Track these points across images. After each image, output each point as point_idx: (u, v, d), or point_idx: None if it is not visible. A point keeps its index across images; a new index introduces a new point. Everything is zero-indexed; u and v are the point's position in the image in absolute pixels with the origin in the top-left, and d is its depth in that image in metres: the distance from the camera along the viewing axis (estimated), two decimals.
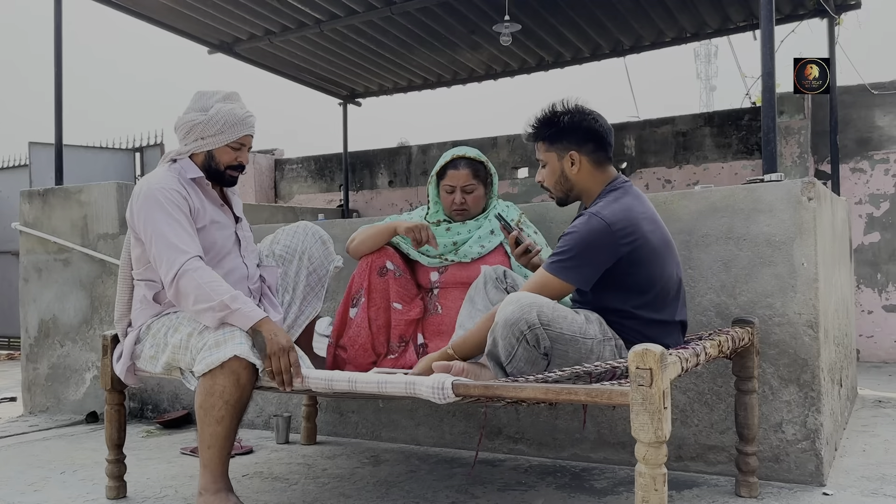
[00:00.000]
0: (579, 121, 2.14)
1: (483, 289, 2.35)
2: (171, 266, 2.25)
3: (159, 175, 2.41)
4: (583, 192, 2.19)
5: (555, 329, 1.89)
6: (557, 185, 2.20)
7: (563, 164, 2.16)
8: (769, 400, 2.56)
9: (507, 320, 1.88)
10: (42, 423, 4.01)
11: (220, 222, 2.47)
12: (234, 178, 2.52)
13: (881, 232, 5.51)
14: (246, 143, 2.48)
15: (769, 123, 2.82)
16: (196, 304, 2.22)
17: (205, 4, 5.26)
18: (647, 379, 1.55)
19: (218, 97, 2.43)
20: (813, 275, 2.50)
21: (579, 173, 2.15)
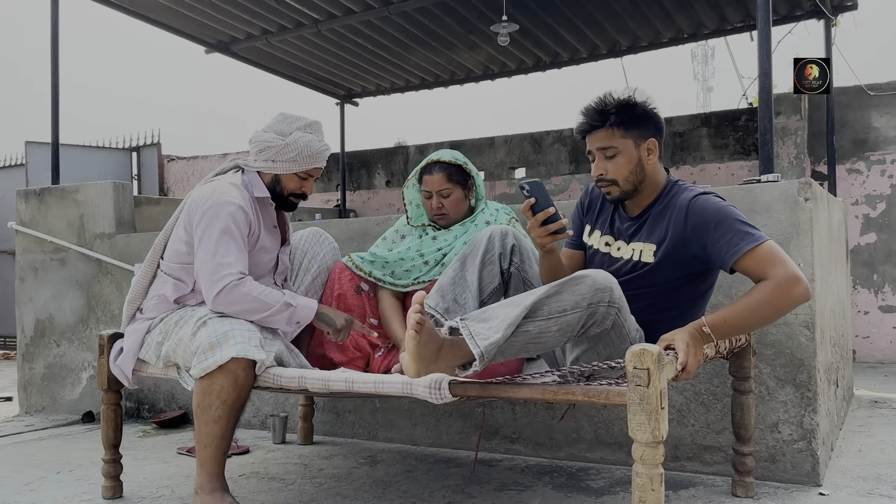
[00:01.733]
0: (654, 109, 2.04)
1: (479, 260, 2.14)
2: (216, 283, 2.25)
3: (231, 187, 2.40)
4: (648, 187, 2.05)
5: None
6: (631, 176, 2.01)
7: (641, 152, 2.01)
8: (766, 400, 2.57)
9: None
10: (38, 423, 4.00)
11: (267, 246, 2.48)
12: (295, 205, 2.54)
13: (877, 233, 5.52)
14: (314, 174, 2.49)
15: (766, 124, 2.82)
16: (258, 313, 2.28)
17: (202, 4, 5.26)
18: (644, 379, 1.55)
19: (299, 124, 2.42)
20: (809, 275, 2.50)
21: (655, 164, 2.03)
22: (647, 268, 2.00)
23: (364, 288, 2.68)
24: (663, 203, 2.02)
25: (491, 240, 2.17)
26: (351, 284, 2.66)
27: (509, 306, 1.75)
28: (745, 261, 1.84)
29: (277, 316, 2.29)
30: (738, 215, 1.90)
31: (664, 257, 1.98)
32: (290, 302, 2.30)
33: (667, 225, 1.98)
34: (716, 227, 1.88)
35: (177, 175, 8.70)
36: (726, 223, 1.87)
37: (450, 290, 2.12)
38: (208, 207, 2.33)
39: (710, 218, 1.90)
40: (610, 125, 1.99)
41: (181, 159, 8.77)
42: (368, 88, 7.37)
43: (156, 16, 5.46)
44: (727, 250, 1.86)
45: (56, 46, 4.77)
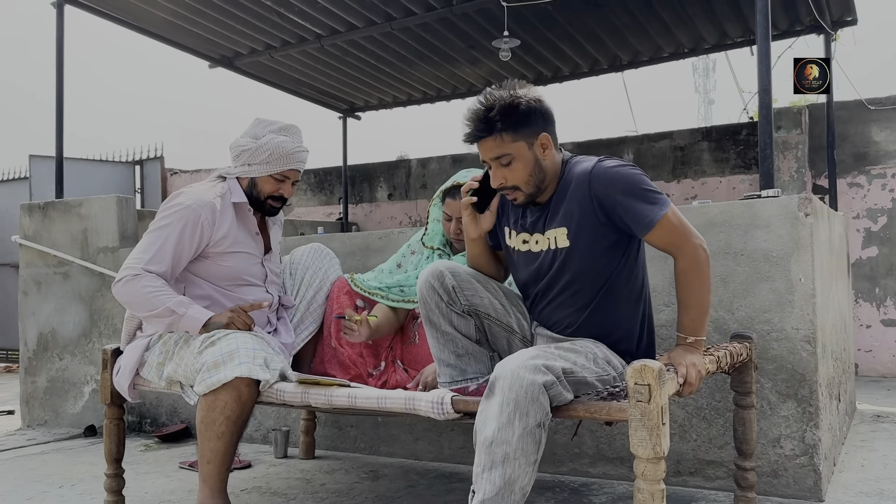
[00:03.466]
0: (539, 100, 1.91)
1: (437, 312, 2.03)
2: (123, 271, 2.37)
3: (198, 192, 2.46)
4: (551, 182, 1.96)
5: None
6: (532, 179, 1.91)
7: (536, 151, 1.90)
8: (767, 415, 2.57)
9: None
10: (40, 437, 4.01)
11: (248, 251, 2.51)
12: (275, 209, 2.58)
13: (879, 246, 5.53)
14: (291, 176, 2.52)
15: (766, 140, 2.84)
16: (143, 311, 2.36)
17: (206, 20, 5.30)
18: (645, 395, 1.56)
19: (273, 128, 2.48)
20: (810, 290, 2.51)
21: (551, 159, 1.93)
22: (565, 252, 1.93)
23: (360, 304, 2.69)
24: (564, 184, 1.95)
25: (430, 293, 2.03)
26: (350, 303, 2.67)
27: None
28: (654, 235, 1.86)
29: (161, 319, 2.33)
30: (638, 181, 1.86)
31: (577, 235, 1.91)
32: (174, 309, 2.31)
33: (570, 203, 1.92)
34: (622, 200, 1.84)
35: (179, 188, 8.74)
36: (630, 194, 1.84)
37: (448, 354, 2.05)
38: (164, 207, 2.44)
39: (615, 188, 1.85)
40: (497, 132, 1.86)
41: (184, 173, 8.81)
42: (371, 102, 7.41)
43: (160, 31, 5.51)
44: (637, 222, 1.85)
45: (61, 62, 4.81)
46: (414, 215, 7.67)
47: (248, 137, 2.49)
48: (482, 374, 2.02)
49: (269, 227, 2.66)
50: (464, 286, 2.02)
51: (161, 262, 2.35)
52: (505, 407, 1.62)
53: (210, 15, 5.23)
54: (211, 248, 2.45)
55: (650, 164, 6.48)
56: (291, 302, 2.70)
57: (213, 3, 5.03)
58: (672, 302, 2.71)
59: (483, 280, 2.07)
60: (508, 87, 1.90)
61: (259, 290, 2.57)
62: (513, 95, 1.87)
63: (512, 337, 2.08)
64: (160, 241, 2.36)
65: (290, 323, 2.67)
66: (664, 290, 2.73)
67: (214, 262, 2.48)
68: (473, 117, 1.88)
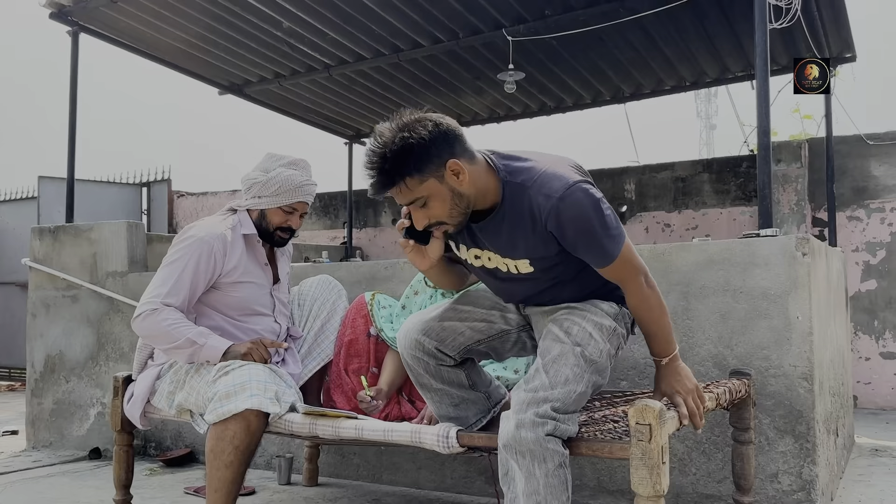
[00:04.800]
0: (432, 128, 1.75)
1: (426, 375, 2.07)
2: (141, 306, 2.43)
3: (209, 224, 2.55)
4: (479, 199, 1.84)
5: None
6: (454, 211, 1.81)
7: (448, 181, 1.77)
8: (765, 450, 2.61)
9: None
10: (45, 459, 4.04)
11: (257, 282, 2.58)
12: (284, 240, 2.65)
13: (878, 280, 5.58)
14: (299, 208, 2.60)
15: (765, 179, 2.91)
16: (164, 343, 2.41)
17: (217, 49, 5.41)
18: (646, 434, 1.61)
19: (283, 162, 2.57)
20: (808, 328, 2.57)
21: (469, 181, 1.79)
22: (531, 275, 1.94)
23: (372, 333, 2.75)
24: (506, 209, 1.84)
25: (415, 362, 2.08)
26: (365, 329, 2.72)
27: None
28: (607, 271, 1.89)
29: (182, 350, 2.40)
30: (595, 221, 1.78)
31: (540, 264, 1.91)
32: (194, 339, 2.38)
33: (526, 235, 1.85)
34: (579, 241, 1.82)
35: (186, 210, 8.82)
36: (586, 236, 1.80)
37: (446, 408, 2.10)
38: (177, 241, 2.51)
39: (570, 232, 1.79)
40: (401, 181, 1.75)
41: (191, 195, 8.90)
42: None
43: (172, 59, 5.62)
44: (593, 261, 1.88)
45: (75, 89, 4.91)
46: None
47: (258, 171, 2.58)
48: (483, 412, 2.09)
49: (278, 257, 2.73)
50: (444, 338, 2.03)
51: (178, 294, 2.41)
52: (522, 467, 1.72)
53: (222, 44, 5.34)
54: (222, 278, 2.52)
55: (652, 194, 6.56)
56: (299, 333, 2.76)
57: (225, 32, 5.14)
58: None
59: (453, 313, 2.07)
60: (395, 124, 1.76)
61: (268, 319, 2.64)
62: (402, 137, 1.72)
63: (508, 336, 2.11)
64: (176, 275, 2.43)
65: (298, 354, 2.73)
66: None
67: (225, 292, 2.55)
68: (372, 172, 1.76)
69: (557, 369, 1.82)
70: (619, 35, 5.06)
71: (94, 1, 4.67)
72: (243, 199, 2.61)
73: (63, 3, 4.74)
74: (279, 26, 5.01)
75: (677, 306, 2.77)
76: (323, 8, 4.75)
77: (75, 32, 4.90)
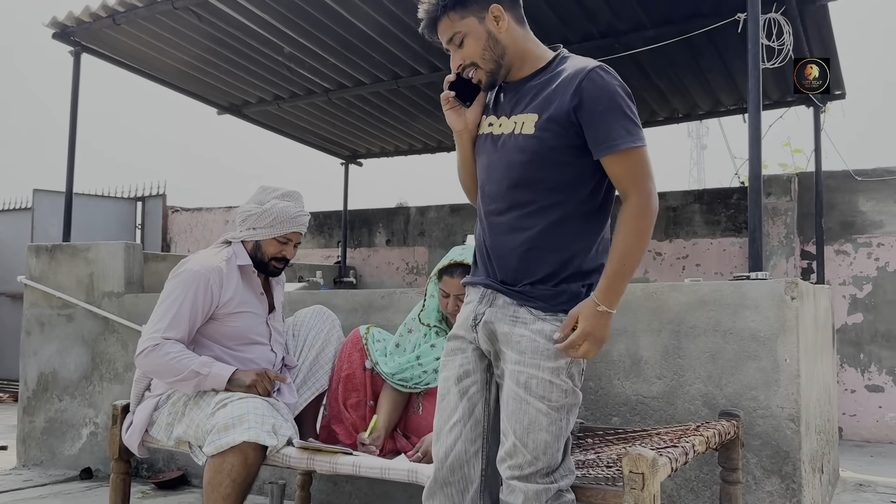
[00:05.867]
0: None
1: (449, 397, 1.96)
2: (142, 343, 2.48)
3: (204, 258, 2.60)
4: (516, 59, 1.86)
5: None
6: (487, 53, 1.83)
7: (488, 23, 1.83)
8: (752, 490, 2.67)
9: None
10: (36, 479, 4.05)
11: (254, 312, 2.63)
12: (278, 270, 2.71)
13: (864, 313, 5.67)
14: (293, 238, 2.66)
15: (755, 223, 2.98)
16: (169, 377, 2.45)
17: (217, 70, 5.47)
18: (639, 483, 1.66)
19: (276, 194, 2.63)
20: (795, 371, 2.63)
21: (508, 31, 1.84)
22: (526, 141, 1.81)
23: (368, 366, 2.79)
24: (550, 73, 1.85)
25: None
26: (361, 362, 2.77)
27: None
28: (615, 161, 1.75)
29: (188, 381, 2.44)
30: (626, 106, 1.76)
31: (546, 127, 1.79)
32: (198, 370, 2.43)
33: (553, 93, 1.80)
34: (603, 112, 1.74)
35: (180, 226, 8.84)
36: (613, 111, 1.73)
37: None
38: (173, 276, 2.57)
39: (600, 97, 1.74)
40: (444, 12, 1.84)
41: (185, 210, 8.92)
42: (373, 151, 7.58)
43: (172, 80, 5.67)
44: (603, 140, 1.74)
45: (75, 108, 4.95)
46: (411, 262, 7.78)
47: (252, 203, 2.64)
48: None
49: (273, 286, 2.79)
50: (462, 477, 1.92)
51: (178, 327, 2.46)
52: None
53: (222, 67, 5.40)
54: (220, 309, 2.57)
55: None
56: (294, 362, 2.80)
57: (226, 55, 5.19)
58: (664, 374, 2.83)
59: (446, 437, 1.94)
60: None
61: (264, 348, 2.68)
62: None
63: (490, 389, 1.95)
64: (175, 308, 2.48)
65: (294, 383, 2.77)
66: (656, 363, 2.84)
67: (222, 322, 2.59)
68: (423, 6, 1.87)
69: (535, 438, 1.77)
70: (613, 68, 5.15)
71: (96, 23, 4.72)
72: (238, 230, 2.67)
73: (66, 23, 4.79)
74: (280, 51, 5.08)
75: (669, 345, 2.83)
76: (324, 35, 4.82)
77: (77, 52, 4.95)
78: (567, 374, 1.81)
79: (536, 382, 1.79)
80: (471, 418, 1.91)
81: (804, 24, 4.48)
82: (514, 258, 1.85)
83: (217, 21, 4.67)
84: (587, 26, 4.68)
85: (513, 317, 1.84)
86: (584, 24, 4.65)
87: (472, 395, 1.92)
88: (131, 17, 4.58)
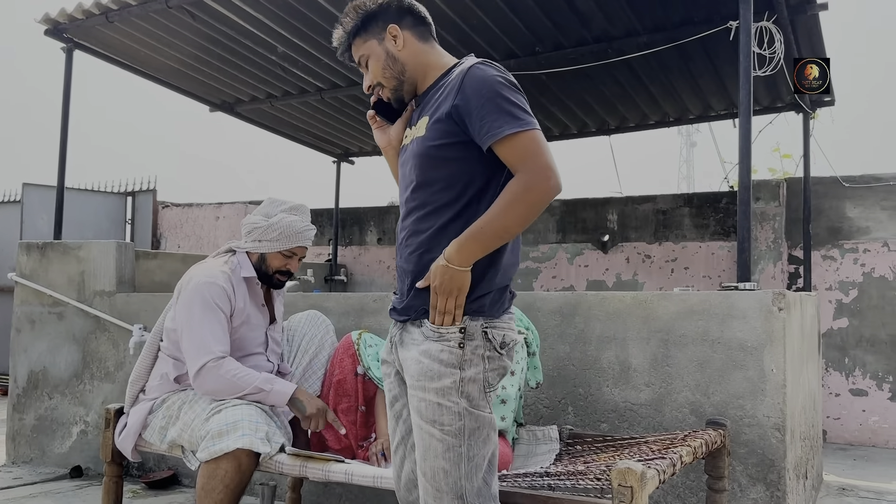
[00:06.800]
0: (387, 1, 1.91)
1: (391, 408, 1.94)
2: (195, 362, 2.43)
3: (211, 268, 2.59)
4: (418, 73, 1.91)
5: None
6: (387, 72, 1.90)
7: (387, 44, 1.89)
8: (738, 497, 2.71)
9: None
10: (26, 476, 4.05)
11: (255, 323, 2.64)
12: (282, 283, 2.72)
13: (849, 318, 5.74)
14: (298, 252, 2.67)
15: (744, 234, 3.02)
16: (230, 393, 2.43)
17: (210, 68, 5.46)
18: (627, 496, 1.70)
19: (283, 207, 2.64)
20: (781, 381, 2.68)
21: (406, 49, 1.89)
22: (421, 143, 1.81)
23: (360, 372, 2.81)
24: (447, 78, 1.86)
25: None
26: (352, 368, 2.79)
27: None
28: (504, 146, 1.70)
29: (250, 396, 2.44)
30: (509, 94, 1.73)
31: (435, 125, 1.78)
32: (261, 387, 2.44)
33: (443, 95, 1.82)
34: (484, 103, 1.71)
35: (170, 221, 8.82)
36: (494, 100, 1.71)
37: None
38: (190, 289, 2.53)
39: (480, 89, 1.72)
40: (352, 38, 1.93)
41: (175, 206, 8.89)
42: (365, 149, 7.58)
43: (165, 77, 5.65)
44: (488, 129, 1.70)
45: (67, 104, 4.93)
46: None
47: (259, 216, 2.64)
48: None
49: (274, 298, 2.80)
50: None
51: (223, 341, 2.47)
52: None
53: (215, 65, 5.39)
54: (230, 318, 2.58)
55: (633, 225, 6.69)
56: (288, 369, 2.82)
57: (219, 54, 5.19)
58: (653, 382, 2.87)
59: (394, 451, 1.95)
60: None
61: (261, 357, 2.70)
62: (362, 2, 1.92)
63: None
64: (213, 323, 2.47)
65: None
66: (645, 370, 2.88)
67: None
68: (335, 36, 1.97)
69: (432, 465, 1.70)
70: (605, 72, 5.18)
71: (89, 20, 4.70)
72: (243, 241, 2.68)
73: (59, 20, 4.77)
74: (273, 50, 5.08)
75: (657, 353, 2.87)
76: (317, 34, 4.82)
77: (70, 49, 4.93)
78: (460, 394, 1.69)
79: (426, 406, 1.71)
80: (409, 439, 1.89)
81: (795, 33, 4.52)
82: (410, 266, 1.80)
83: (211, 20, 4.66)
84: (581, 32, 4.71)
85: (410, 338, 1.79)
86: (578, 29, 4.67)
87: (405, 418, 1.89)
88: (125, 16, 4.57)
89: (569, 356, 3.03)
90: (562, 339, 3.05)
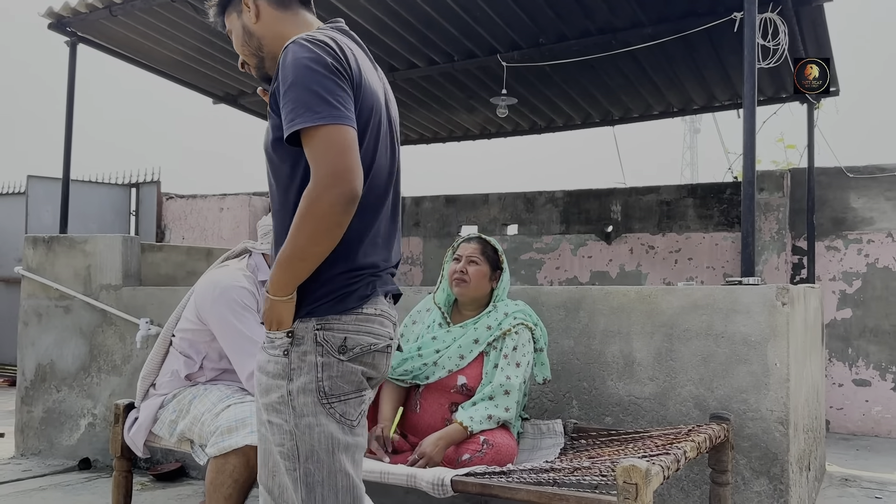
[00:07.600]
0: None
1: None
2: (245, 368, 2.41)
3: (232, 272, 2.58)
4: (277, 48, 1.64)
5: None
6: (245, 49, 1.72)
7: (243, 17, 1.72)
8: (741, 490, 2.74)
9: None
10: (35, 469, 4.09)
11: None
12: None
13: (853, 309, 5.75)
14: None
15: (748, 228, 3.03)
16: None
17: (213, 61, 5.47)
18: (632, 493, 1.72)
19: None
20: (784, 375, 2.69)
21: (262, 21, 1.69)
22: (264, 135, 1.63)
23: None
24: None
25: None
26: None
27: None
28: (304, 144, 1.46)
29: None
30: (315, 79, 1.46)
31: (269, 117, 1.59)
32: None
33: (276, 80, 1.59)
34: (287, 90, 1.47)
35: (175, 213, 8.83)
36: (296, 87, 1.46)
37: None
38: (219, 294, 2.51)
39: (287, 74, 1.48)
40: (217, 16, 1.80)
41: (180, 198, 8.90)
42: None
43: (168, 70, 5.67)
44: (286, 123, 1.46)
45: (72, 97, 4.94)
46: (406, 252, 7.81)
47: None
48: None
49: None
50: None
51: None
52: None
53: (218, 57, 5.40)
54: None
55: (637, 216, 6.69)
56: None
57: (222, 46, 5.19)
58: (657, 376, 2.89)
59: None
60: None
61: None
62: None
63: None
64: (251, 319, 2.47)
65: None
66: (649, 364, 2.90)
67: None
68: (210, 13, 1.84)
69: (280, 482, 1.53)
70: (610, 63, 5.18)
71: (93, 14, 4.71)
72: (260, 243, 2.69)
73: (62, 14, 4.78)
74: None
75: (661, 347, 2.88)
76: None
77: (73, 43, 4.94)
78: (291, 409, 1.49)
79: (261, 423, 1.56)
80: None
81: (800, 24, 4.52)
82: None
83: None
84: (585, 23, 4.70)
85: None
86: (582, 20, 4.67)
87: None
88: (129, 9, 4.57)
89: (573, 350, 3.05)
90: (566, 334, 3.07)
